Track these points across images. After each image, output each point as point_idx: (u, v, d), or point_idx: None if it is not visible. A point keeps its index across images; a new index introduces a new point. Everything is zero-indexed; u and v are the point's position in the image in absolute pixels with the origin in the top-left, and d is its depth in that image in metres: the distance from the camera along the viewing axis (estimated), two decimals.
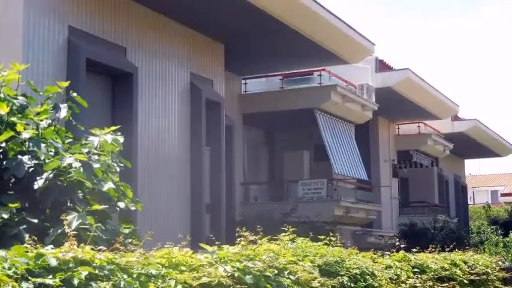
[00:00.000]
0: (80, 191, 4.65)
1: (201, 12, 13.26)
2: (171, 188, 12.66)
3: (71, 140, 5.22)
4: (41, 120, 5.12)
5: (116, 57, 11.83)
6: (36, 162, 4.65)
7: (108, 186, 4.74)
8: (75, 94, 5.61)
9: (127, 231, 4.81)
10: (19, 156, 4.63)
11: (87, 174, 4.64)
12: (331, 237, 7.27)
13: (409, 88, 21.44)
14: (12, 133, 4.72)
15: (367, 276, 6.89)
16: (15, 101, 5.14)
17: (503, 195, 54.59)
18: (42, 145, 4.73)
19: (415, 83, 21.69)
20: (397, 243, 11.16)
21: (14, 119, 4.91)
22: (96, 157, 4.92)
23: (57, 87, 5.47)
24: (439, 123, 26.51)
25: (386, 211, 22.49)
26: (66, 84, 5.64)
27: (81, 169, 4.61)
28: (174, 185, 12.76)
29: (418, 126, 25.74)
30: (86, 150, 4.91)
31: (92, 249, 3.61)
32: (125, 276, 3.58)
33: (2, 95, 5.11)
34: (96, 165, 4.79)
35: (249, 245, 5.50)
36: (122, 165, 5.22)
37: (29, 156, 4.65)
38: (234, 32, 14.76)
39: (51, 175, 4.54)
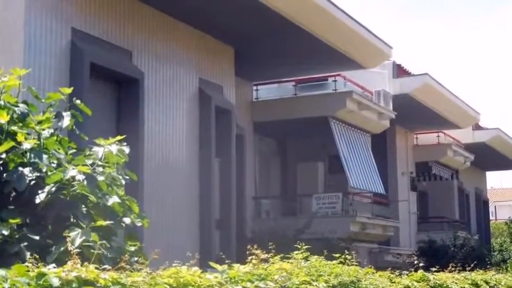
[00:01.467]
0: (83, 206, 4.63)
1: (210, 14, 13.25)
2: (179, 202, 12.64)
3: (74, 150, 5.20)
4: (43, 130, 5.08)
5: (121, 62, 11.83)
6: (38, 174, 4.62)
7: (113, 200, 4.72)
8: (78, 101, 5.58)
9: (133, 249, 4.78)
10: (20, 169, 4.60)
11: (91, 188, 4.62)
12: (347, 256, 7.23)
13: (428, 95, 21.37)
14: (12, 143, 4.70)
15: None
16: (15, 108, 5.12)
17: None
18: (44, 156, 4.71)
19: (434, 89, 21.62)
20: (415, 262, 11.11)
21: (14, 128, 4.88)
22: (101, 169, 4.90)
23: (60, 94, 5.47)
24: (459, 132, 26.38)
25: (404, 227, 22.37)
26: (69, 90, 5.63)
27: (85, 182, 4.59)
28: (182, 200, 12.75)
29: (438, 136, 25.62)
30: (89, 161, 4.89)
31: (96, 268, 3.59)
32: None
33: (2, 103, 5.09)
34: (100, 178, 4.77)
35: (260, 264, 5.48)
36: (128, 177, 5.20)
37: (31, 168, 4.62)
38: (245, 35, 14.75)
39: (53, 188, 4.51)
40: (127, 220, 4.88)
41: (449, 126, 24.57)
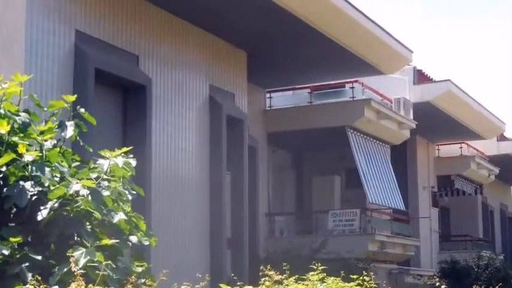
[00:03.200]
0: (88, 223, 4.59)
1: (222, 15, 13.16)
2: (188, 219, 12.59)
3: (78, 163, 5.17)
4: (45, 140, 5.05)
5: (128, 67, 11.79)
6: (40, 189, 4.58)
7: (119, 217, 4.67)
8: (82, 110, 5.54)
9: (140, 269, 4.75)
10: (21, 183, 4.56)
11: (96, 204, 4.58)
12: (365, 277, 7.19)
13: (451, 103, 21.25)
14: (13, 155, 4.65)
15: None
16: (16, 118, 5.08)
17: None
18: (47, 169, 4.67)
19: (457, 97, 21.50)
20: (437, 284, 11.09)
21: (15, 138, 4.84)
22: (106, 183, 4.86)
23: (63, 102, 5.43)
24: (483, 144, 26.20)
25: (426, 246, 22.22)
26: (73, 98, 5.59)
27: (89, 197, 4.56)
28: (191, 217, 12.72)
29: (460, 148, 25.43)
30: (94, 175, 4.85)
31: None
32: None
33: (2, 111, 5.06)
34: (105, 193, 4.73)
35: (274, 286, 5.45)
36: (134, 192, 5.16)
37: (32, 182, 4.58)
38: (258, 38, 14.66)
39: (56, 204, 4.46)
40: (134, 239, 4.83)
41: (473, 136, 24.46)
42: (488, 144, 26.71)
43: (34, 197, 4.53)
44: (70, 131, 5.28)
